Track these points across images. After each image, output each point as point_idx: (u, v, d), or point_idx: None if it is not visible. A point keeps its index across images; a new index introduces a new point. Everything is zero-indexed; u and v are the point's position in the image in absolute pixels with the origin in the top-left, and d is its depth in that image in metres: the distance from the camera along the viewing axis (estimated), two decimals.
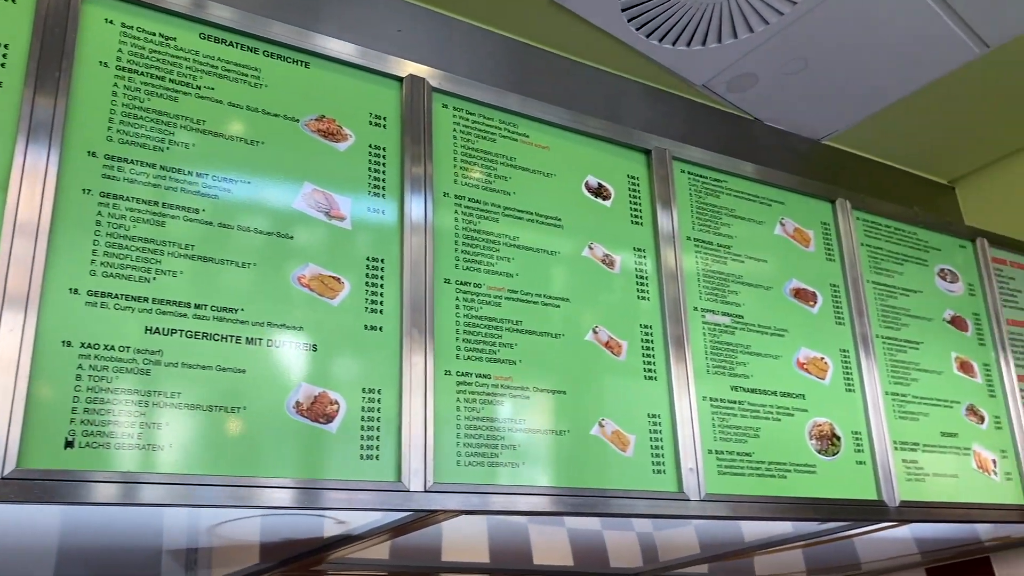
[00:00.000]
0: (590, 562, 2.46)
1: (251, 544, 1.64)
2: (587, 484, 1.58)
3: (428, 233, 1.54)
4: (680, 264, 1.86)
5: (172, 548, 1.61)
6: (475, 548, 2.16)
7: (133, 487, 1.18)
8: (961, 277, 2.39)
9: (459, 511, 1.45)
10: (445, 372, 1.50)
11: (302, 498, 1.30)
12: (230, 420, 1.28)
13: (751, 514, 1.77)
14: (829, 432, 1.94)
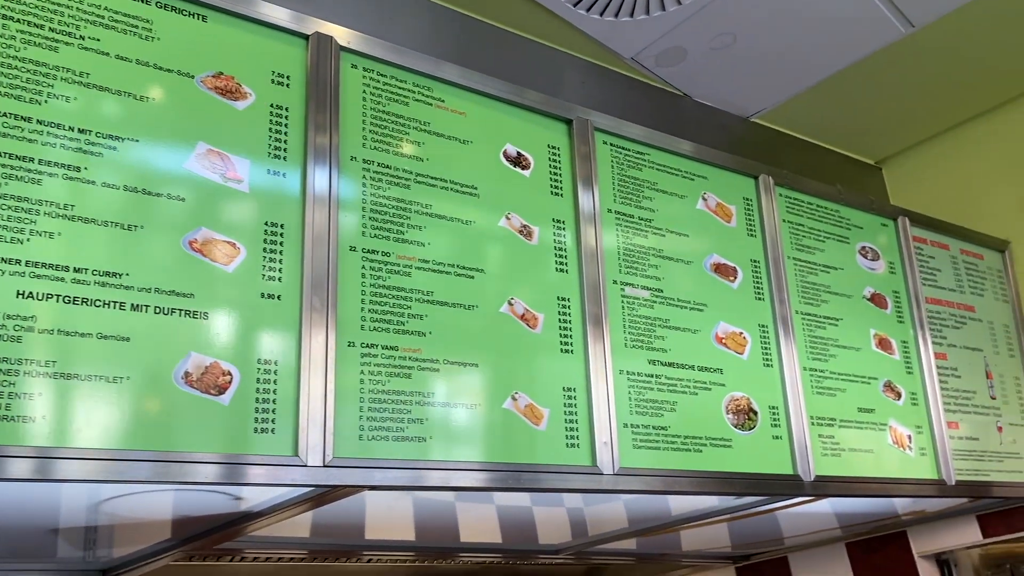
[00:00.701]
0: (518, 538, 2.44)
1: (145, 522, 1.57)
2: (498, 458, 1.54)
3: (332, 198, 1.48)
4: (600, 237, 1.83)
5: (61, 527, 1.53)
6: (399, 526, 2.12)
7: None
8: (882, 255, 2.40)
9: (361, 486, 1.40)
10: (348, 344, 1.45)
11: (191, 472, 1.24)
12: (111, 391, 1.21)
13: (665, 488, 1.76)
14: (746, 407, 1.93)
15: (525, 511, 2.10)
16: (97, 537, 1.71)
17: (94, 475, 1.17)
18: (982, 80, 2.79)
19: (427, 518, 2.06)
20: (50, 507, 1.42)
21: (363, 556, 2.30)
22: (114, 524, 1.57)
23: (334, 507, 1.70)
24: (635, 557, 2.87)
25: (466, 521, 2.15)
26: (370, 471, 1.40)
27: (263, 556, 2.23)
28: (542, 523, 2.26)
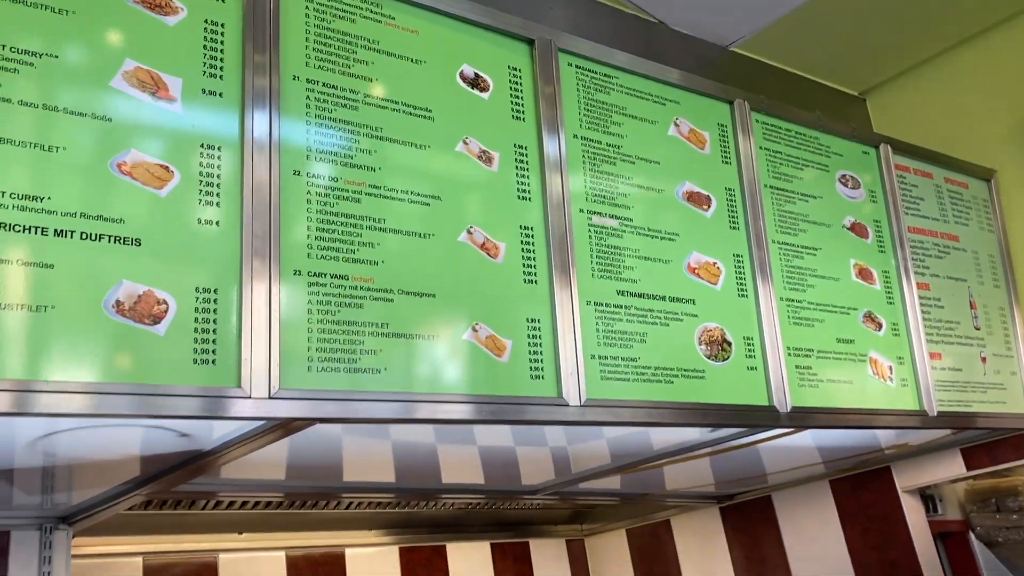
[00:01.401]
0: (499, 479, 2.40)
1: (95, 462, 1.52)
2: (458, 390, 1.49)
3: (274, 119, 1.40)
4: (565, 163, 1.76)
5: (3, 468, 1.48)
6: (376, 466, 2.08)
7: None
8: (863, 183, 2.33)
9: (310, 419, 1.35)
10: (295, 272, 1.38)
11: (124, 405, 1.18)
12: (34, 319, 1.14)
13: (635, 420, 1.71)
14: (719, 337, 1.88)
15: (503, 450, 2.05)
16: (50, 481, 1.66)
17: (19, 407, 1.11)
18: (967, 5, 2.69)
19: (405, 458, 2.01)
20: None
21: (342, 499, 2.26)
22: (61, 465, 1.52)
23: (305, 447, 1.66)
24: (619, 497, 2.84)
25: (445, 461, 2.11)
26: (321, 403, 1.34)
27: (238, 501, 2.19)
28: (523, 462, 2.22)
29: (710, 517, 3.17)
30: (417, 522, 2.95)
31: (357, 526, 2.81)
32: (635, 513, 3.34)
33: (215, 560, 2.48)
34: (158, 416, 1.23)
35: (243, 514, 2.45)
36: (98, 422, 1.28)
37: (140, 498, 1.76)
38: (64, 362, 1.15)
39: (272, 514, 2.51)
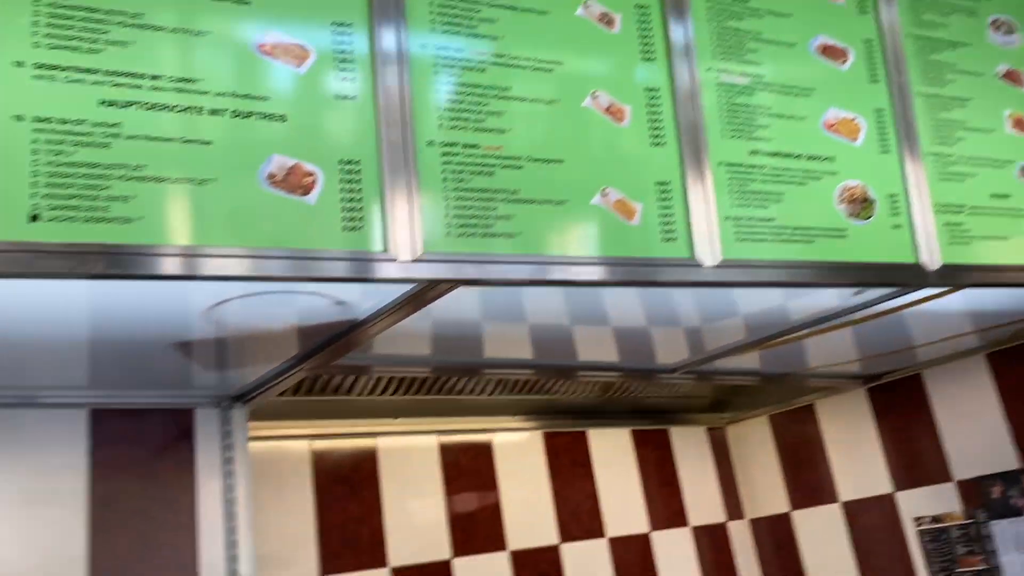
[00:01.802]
0: (635, 356, 2.43)
1: (260, 334, 1.65)
2: (588, 253, 1.52)
3: None
4: (689, 21, 1.71)
5: (180, 340, 1.63)
6: (515, 342, 2.14)
7: (106, 257, 1.18)
8: (1018, 28, 2.15)
9: (452, 280, 1.42)
10: (428, 143, 1.43)
11: (282, 268, 1.28)
12: (199, 191, 1.25)
13: (773, 279, 1.69)
14: (861, 195, 1.81)
15: (636, 323, 2.08)
16: (223, 355, 1.81)
17: (190, 270, 1.22)
18: None
19: (541, 333, 2.08)
20: (160, 314, 1.50)
21: (484, 375, 2.36)
22: (231, 337, 1.66)
23: (446, 318, 1.75)
24: (759, 376, 2.82)
25: (580, 336, 2.16)
26: (461, 265, 1.41)
27: (390, 380, 2.33)
28: (656, 337, 2.25)
29: (856, 400, 3.11)
30: (559, 409, 3.05)
31: (502, 412, 2.93)
32: (777, 398, 3.32)
33: (374, 442, 2.66)
34: (313, 279, 1.33)
35: (397, 400, 2.62)
36: (260, 288, 1.39)
37: (303, 373, 1.90)
38: (226, 230, 1.26)
39: (424, 400, 2.67)
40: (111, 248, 1.18)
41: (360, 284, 1.41)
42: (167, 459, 1.96)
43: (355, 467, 2.59)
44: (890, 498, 3.00)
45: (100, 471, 1.88)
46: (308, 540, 2.41)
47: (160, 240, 1.21)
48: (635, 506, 3.17)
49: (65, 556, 1.79)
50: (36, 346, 1.56)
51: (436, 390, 2.59)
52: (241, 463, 2.04)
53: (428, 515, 2.68)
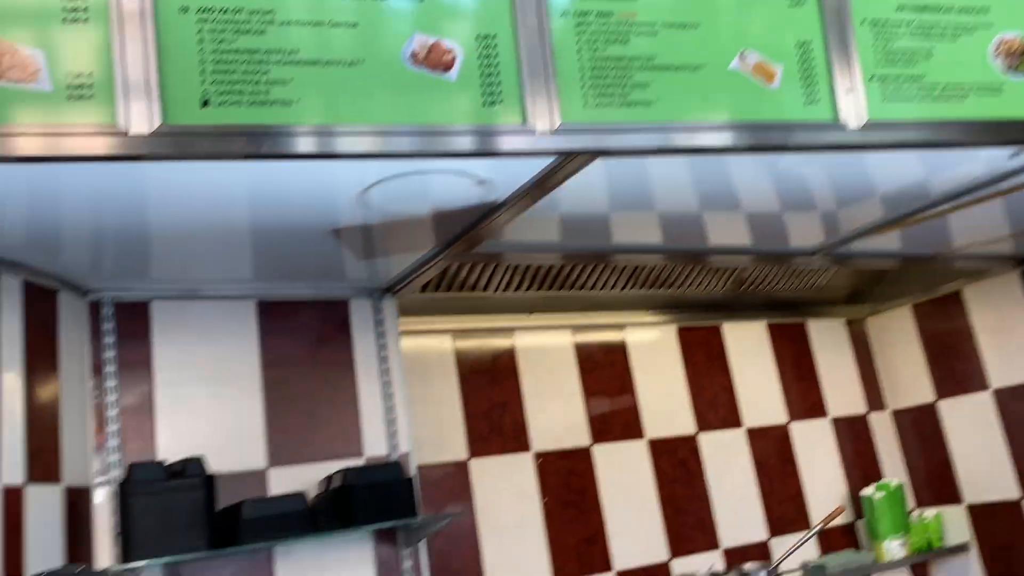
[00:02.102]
0: (768, 239, 2.39)
1: (407, 220, 1.73)
2: (729, 118, 1.50)
3: None
4: None
5: (337, 226, 1.73)
6: (643, 224, 2.15)
7: (271, 138, 1.26)
8: None
9: (590, 150, 1.44)
10: (562, 14, 1.44)
11: (428, 144, 1.34)
12: (350, 73, 1.31)
13: (920, 140, 1.62)
14: (1019, 48, 1.70)
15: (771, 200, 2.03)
16: (371, 244, 1.90)
17: (361, 148, 1.29)
18: None
19: (672, 215, 2.07)
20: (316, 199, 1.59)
21: (611, 260, 2.38)
22: (379, 225, 1.74)
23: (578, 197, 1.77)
24: (900, 259, 2.72)
25: (711, 218, 2.14)
26: (599, 135, 1.43)
27: (521, 265, 2.39)
28: (791, 217, 2.20)
29: (1008, 284, 2.96)
30: (691, 304, 3.05)
31: (635, 307, 2.96)
32: (921, 286, 3.19)
33: (511, 336, 2.75)
34: (457, 154, 1.38)
35: (531, 296, 2.69)
36: (409, 167, 1.46)
37: (444, 262, 1.99)
38: (375, 109, 1.32)
39: (556, 296, 2.73)
40: (274, 129, 1.26)
41: (500, 159, 1.46)
42: (328, 346, 2.11)
43: (495, 360, 2.69)
44: None
45: (269, 357, 2.04)
46: (457, 425, 2.55)
47: (317, 121, 1.28)
48: (772, 398, 3.16)
49: (246, 431, 1.97)
50: (205, 233, 1.68)
51: (568, 284, 2.65)
52: (393, 349, 2.17)
53: (566, 405, 2.76)
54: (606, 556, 2.68)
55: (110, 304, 1.89)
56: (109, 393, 1.84)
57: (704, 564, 2.80)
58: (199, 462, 1.70)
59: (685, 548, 2.81)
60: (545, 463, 2.67)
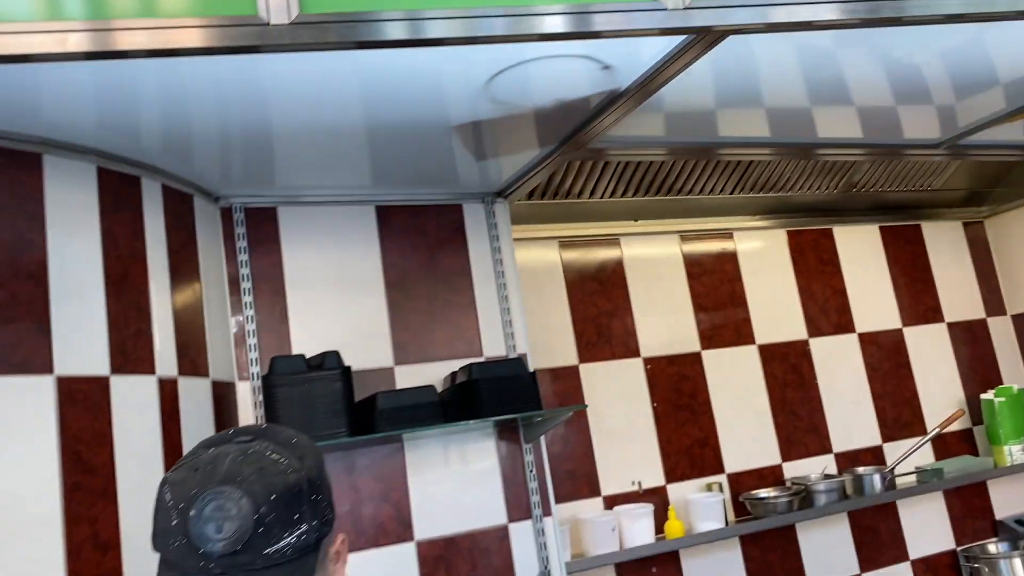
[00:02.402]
0: (883, 131, 2.30)
1: (524, 112, 1.72)
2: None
3: None
4: None
5: (457, 122, 1.74)
6: (751, 118, 2.09)
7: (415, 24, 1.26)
8: None
9: (722, 27, 1.40)
10: None
11: (562, 23, 1.32)
12: None
13: None
14: None
15: (884, 101, 1.95)
16: (488, 142, 1.90)
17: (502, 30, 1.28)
18: None
19: (781, 109, 2.01)
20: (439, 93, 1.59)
21: (719, 156, 2.33)
22: (497, 119, 1.74)
23: (686, 93, 1.73)
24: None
25: (823, 113, 2.07)
26: (730, 10, 1.38)
27: (630, 163, 2.37)
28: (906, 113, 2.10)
29: None
30: (800, 207, 2.97)
31: (742, 212, 2.90)
32: None
33: (618, 244, 2.74)
34: (591, 33, 1.35)
35: (636, 202, 2.67)
36: (535, 52, 1.45)
37: (556, 162, 1.98)
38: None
39: (662, 201, 2.70)
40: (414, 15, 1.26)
41: (628, 41, 1.43)
42: (444, 249, 2.14)
43: (602, 269, 2.69)
44: None
45: (390, 260, 2.09)
46: (566, 332, 2.58)
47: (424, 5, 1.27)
48: (886, 302, 3.08)
49: (373, 331, 2.04)
50: (326, 134, 1.71)
51: (673, 189, 2.61)
52: (507, 252, 2.19)
53: (675, 312, 2.75)
54: (718, 458, 2.69)
55: (240, 210, 1.96)
56: (245, 294, 1.93)
57: (816, 468, 2.79)
58: (336, 355, 1.77)
59: (797, 452, 2.81)
60: (654, 368, 2.69)
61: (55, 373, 1.48)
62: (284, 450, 0.85)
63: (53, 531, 1.42)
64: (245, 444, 0.84)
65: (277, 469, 0.82)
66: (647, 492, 2.58)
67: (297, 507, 0.81)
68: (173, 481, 0.83)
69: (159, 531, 0.82)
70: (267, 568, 0.79)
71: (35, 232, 1.51)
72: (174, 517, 0.80)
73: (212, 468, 0.81)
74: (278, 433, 0.88)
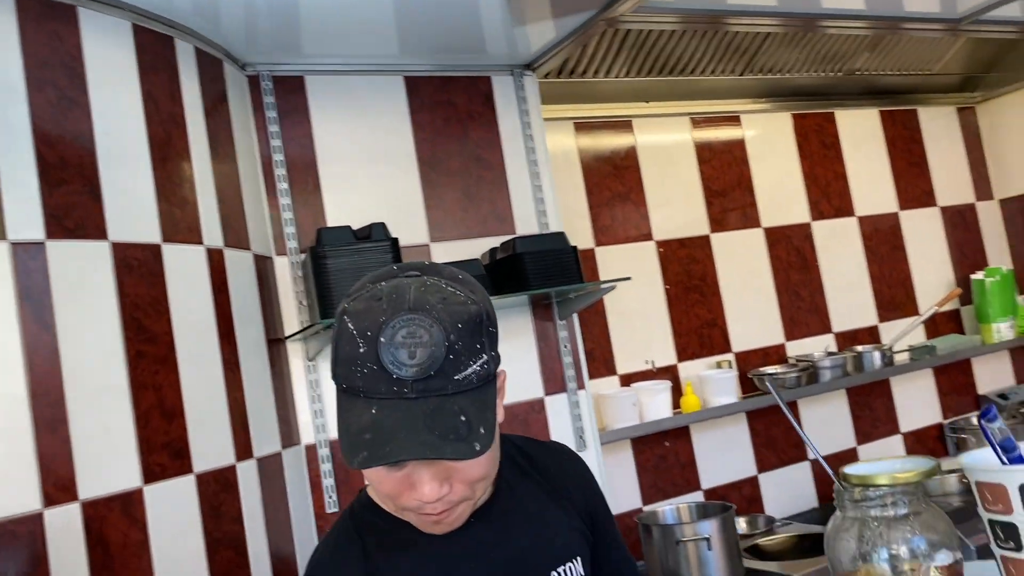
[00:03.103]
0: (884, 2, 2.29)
1: None
2: None
3: None
4: None
5: None
6: None
7: None
8: None
9: None
10: None
11: None
12: None
13: None
14: None
15: None
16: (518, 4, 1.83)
17: None
18: None
19: None
20: None
21: (726, 25, 2.30)
22: None
23: None
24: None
25: None
26: None
27: (639, 30, 2.33)
28: None
29: None
30: (803, 90, 2.98)
31: (749, 94, 2.89)
32: None
33: (630, 125, 2.71)
34: None
35: (648, 82, 2.63)
36: None
37: (583, 37, 1.93)
38: None
39: (672, 82, 2.67)
40: None
41: None
42: (475, 122, 2.09)
43: (616, 152, 2.67)
44: None
45: (421, 135, 2.03)
46: (583, 215, 2.56)
47: None
48: (884, 186, 3.13)
49: (408, 207, 1.99)
50: None
51: (682, 69, 2.58)
52: (537, 127, 2.15)
53: (685, 196, 2.76)
54: (726, 338, 2.75)
55: (268, 78, 1.87)
56: (277, 166, 1.86)
57: (817, 347, 2.88)
58: (383, 227, 1.73)
59: (800, 332, 2.88)
60: (667, 252, 2.70)
61: (110, 239, 1.42)
62: (456, 284, 0.85)
63: (122, 399, 1.39)
64: (418, 278, 0.84)
65: (457, 300, 0.82)
66: (660, 370, 2.63)
67: (479, 337, 0.82)
68: (354, 311, 0.82)
69: (342, 359, 0.81)
70: (456, 394, 0.80)
71: (77, 91, 1.42)
72: (361, 345, 0.80)
73: (397, 297, 0.81)
74: (443, 269, 0.87)
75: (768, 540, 2.36)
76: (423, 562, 0.90)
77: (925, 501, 0.87)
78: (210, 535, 1.46)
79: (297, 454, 1.81)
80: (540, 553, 0.95)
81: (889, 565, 0.83)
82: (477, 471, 0.85)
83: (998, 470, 0.82)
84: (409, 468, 0.82)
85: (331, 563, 0.92)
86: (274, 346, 1.78)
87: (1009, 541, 0.82)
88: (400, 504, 0.86)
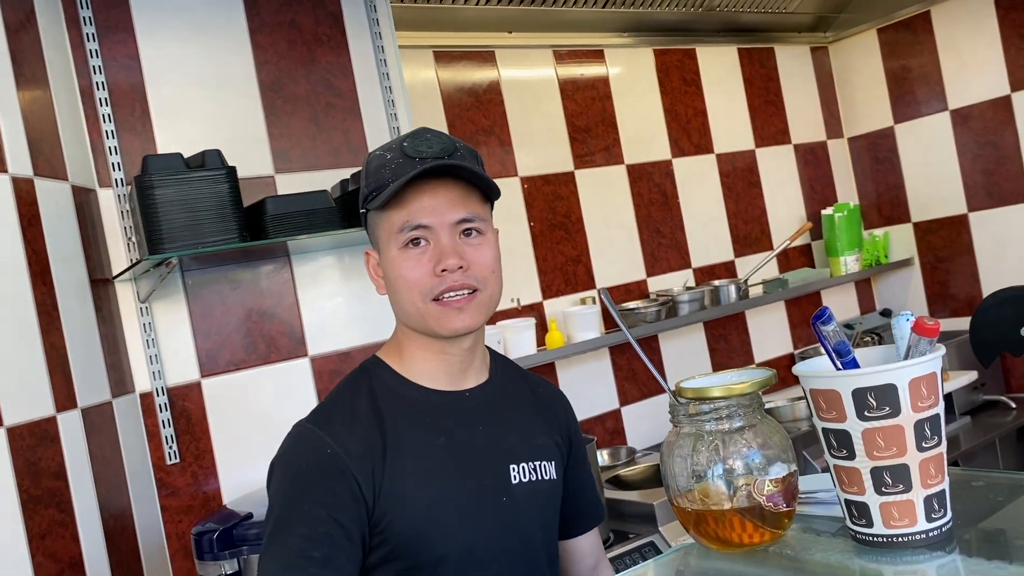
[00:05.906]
0: None
1: None
2: None
3: None
4: None
5: None
6: None
7: None
8: None
9: None
10: None
11: None
12: None
13: None
14: None
15: None
16: None
17: None
18: None
19: None
20: None
21: None
22: None
23: None
24: None
25: None
26: None
27: None
28: None
29: (979, 2, 2.98)
30: (665, 25, 2.97)
31: (612, 28, 2.86)
32: (887, 8, 3.19)
33: (493, 57, 2.63)
34: None
35: (511, 10, 2.56)
36: None
37: None
38: None
39: (535, 11, 2.61)
40: None
41: None
42: (323, 46, 1.96)
43: (479, 87, 2.58)
44: (1005, 100, 2.99)
45: (263, 56, 1.89)
46: None
47: None
48: (741, 124, 3.19)
49: (248, 135, 1.85)
50: None
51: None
52: (391, 52, 2.04)
53: (549, 129, 2.72)
54: (590, 274, 2.75)
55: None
56: (99, 88, 1.68)
57: (678, 282, 2.93)
58: (218, 154, 1.59)
59: (660, 267, 2.92)
60: (531, 188, 2.66)
61: None
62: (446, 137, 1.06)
63: None
64: None
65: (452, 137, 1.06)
66: (525, 308, 2.61)
67: (478, 162, 1.05)
68: (375, 151, 1.05)
69: (372, 174, 1.02)
70: (471, 180, 1.02)
71: None
72: (387, 152, 1.01)
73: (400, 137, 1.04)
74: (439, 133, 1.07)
75: (629, 470, 2.40)
76: (420, 417, 1.02)
77: (760, 413, 0.86)
78: (26, 492, 1.32)
79: (131, 403, 1.68)
80: (522, 442, 1.08)
81: (724, 481, 0.82)
82: (487, 254, 1.04)
83: (831, 375, 0.82)
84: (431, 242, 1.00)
85: (345, 392, 1.06)
86: (100, 287, 1.63)
87: (842, 449, 0.82)
88: (427, 289, 0.99)
